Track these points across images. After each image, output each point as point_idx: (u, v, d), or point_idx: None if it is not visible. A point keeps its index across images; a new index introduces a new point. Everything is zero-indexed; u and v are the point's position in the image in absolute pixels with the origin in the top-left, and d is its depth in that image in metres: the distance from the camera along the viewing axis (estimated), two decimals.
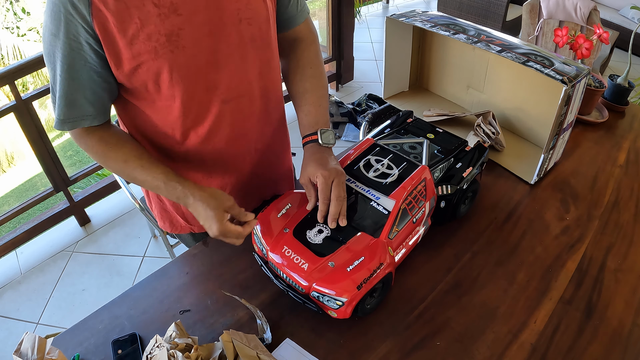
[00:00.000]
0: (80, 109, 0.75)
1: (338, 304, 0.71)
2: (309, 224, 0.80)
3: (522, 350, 0.74)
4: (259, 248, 0.82)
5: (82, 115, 0.76)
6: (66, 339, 0.77)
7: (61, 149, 6.43)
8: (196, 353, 0.66)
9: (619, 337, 0.76)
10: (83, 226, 2.36)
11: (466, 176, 0.91)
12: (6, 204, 5.17)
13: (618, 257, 0.90)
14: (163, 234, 1.70)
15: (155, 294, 0.85)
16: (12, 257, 2.22)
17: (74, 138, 0.80)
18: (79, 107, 0.75)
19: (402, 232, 0.81)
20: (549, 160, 1.06)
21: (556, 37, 1.28)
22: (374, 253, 0.74)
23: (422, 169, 0.84)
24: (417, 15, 1.18)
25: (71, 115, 0.75)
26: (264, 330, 0.76)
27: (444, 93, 1.38)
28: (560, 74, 0.90)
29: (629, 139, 1.23)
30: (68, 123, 0.76)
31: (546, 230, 0.96)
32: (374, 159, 0.88)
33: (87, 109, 0.75)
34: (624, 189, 1.06)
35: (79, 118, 0.76)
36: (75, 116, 0.76)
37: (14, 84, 1.90)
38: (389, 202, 0.79)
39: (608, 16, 3.83)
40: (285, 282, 0.77)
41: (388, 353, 0.74)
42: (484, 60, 1.21)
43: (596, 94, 1.26)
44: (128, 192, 1.68)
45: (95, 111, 0.77)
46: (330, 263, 0.74)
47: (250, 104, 0.87)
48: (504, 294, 0.83)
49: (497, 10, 3.89)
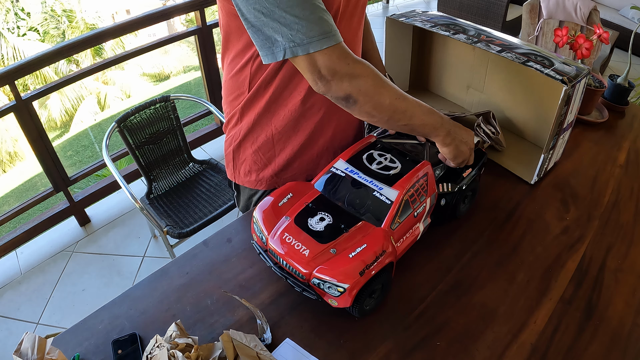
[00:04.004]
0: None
1: (339, 290, 0.71)
2: (311, 212, 0.80)
3: (522, 350, 0.74)
4: (259, 237, 0.82)
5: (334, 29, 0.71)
6: (66, 339, 0.77)
7: (61, 149, 6.43)
8: (196, 353, 0.66)
9: (619, 337, 0.76)
10: (83, 226, 2.36)
11: (466, 176, 0.91)
12: (6, 204, 5.18)
13: (618, 257, 0.90)
14: (163, 234, 1.70)
15: (155, 294, 0.85)
16: (12, 257, 2.22)
17: (338, 62, 0.72)
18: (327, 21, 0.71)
19: (404, 225, 0.81)
20: (549, 160, 1.06)
21: (556, 37, 1.28)
22: (377, 241, 0.74)
23: (424, 164, 0.84)
24: (417, 15, 1.18)
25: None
26: (264, 330, 0.76)
27: (444, 93, 1.38)
28: (560, 74, 0.90)
29: (629, 139, 1.23)
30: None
31: (546, 230, 0.96)
32: (377, 153, 0.89)
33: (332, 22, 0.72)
34: (624, 189, 1.06)
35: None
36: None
37: (14, 84, 1.90)
38: (392, 192, 0.79)
39: (608, 16, 3.83)
40: (285, 269, 0.77)
41: (388, 353, 0.74)
42: (484, 60, 1.21)
43: (596, 94, 1.26)
44: (128, 192, 1.68)
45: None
46: (332, 250, 0.74)
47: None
48: (504, 294, 0.83)
49: (497, 10, 3.89)
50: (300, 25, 0.68)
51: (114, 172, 1.72)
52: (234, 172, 1.08)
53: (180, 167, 2.01)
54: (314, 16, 0.68)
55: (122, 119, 1.76)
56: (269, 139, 0.99)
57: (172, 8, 2.39)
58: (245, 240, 0.94)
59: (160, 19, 2.34)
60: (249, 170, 1.05)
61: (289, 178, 1.04)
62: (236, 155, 1.05)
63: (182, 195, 1.93)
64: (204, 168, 2.05)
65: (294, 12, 0.67)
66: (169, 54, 12.66)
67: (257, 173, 1.05)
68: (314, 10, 0.69)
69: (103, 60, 2.42)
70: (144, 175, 1.88)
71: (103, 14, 14.12)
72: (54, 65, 10.25)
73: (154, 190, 1.91)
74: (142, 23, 2.28)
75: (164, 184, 1.95)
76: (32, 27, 11.83)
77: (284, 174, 1.03)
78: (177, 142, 1.97)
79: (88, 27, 12.14)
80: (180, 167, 2.01)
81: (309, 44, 0.69)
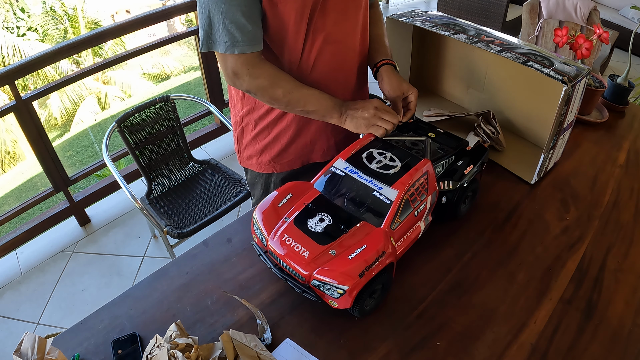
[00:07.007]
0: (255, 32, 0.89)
1: (339, 292, 0.71)
2: (310, 213, 0.80)
3: (522, 350, 0.74)
4: (259, 238, 0.82)
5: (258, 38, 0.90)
6: (66, 339, 0.77)
7: (61, 149, 6.43)
8: (196, 353, 0.66)
9: (619, 337, 0.76)
10: (83, 226, 2.36)
11: (467, 173, 0.91)
12: (6, 204, 5.18)
13: (618, 257, 0.90)
14: (163, 234, 1.70)
15: (155, 294, 0.85)
16: (12, 257, 2.22)
17: (241, 67, 0.90)
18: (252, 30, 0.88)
19: (404, 224, 0.81)
20: (549, 160, 1.06)
21: (556, 37, 1.28)
22: (377, 241, 0.74)
23: (424, 162, 0.84)
24: (417, 15, 1.18)
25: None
26: (264, 330, 0.76)
27: (444, 93, 1.38)
28: (560, 74, 0.90)
29: (629, 139, 1.23)
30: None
31: (546, 230, 0.96)
32: (376, 152, 0.89)
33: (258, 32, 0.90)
34: (624, 189, 1.06)
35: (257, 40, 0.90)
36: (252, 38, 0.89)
37: (14, 84, 1.90)
38: (392, 192, 0.79)
39: (608, 16, 3.83)
40: (285, 271, 0.77)
41: (388, 353, 0.74)
42: (484, 60, 1.21)
43: (596, 94, 1.26)
44: (128, 192, 1.68)
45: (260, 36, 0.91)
46: (331, 251, 0.74)
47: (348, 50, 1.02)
48: (504, 294, 0.83)
49: (497, 10, 3.89)
50: (218, 29, 0.86)
51: (114, 172, 1.72)
52: (240, 155, 1.19)
53: (180, 167, 2.01)
54: (233, 25, 0.85)
55: (122, 119, 1.76)
56: (264, 126, 1.08)
57: (172, 8, 2.39)
58: (245, 240, 0.94)
59: (160, 19, 2.34)
60: (250, 154, 1.16)
61: (286, 164, 1.13)
62: (240, 140, 1.16)
63: (182, 195, 1.93)
64: (204, 168, 2.05)
65: (218, 17, 0.85)
66: (169, 54, 12.66)
67: (256, 157, 1.15)
68: (234, 20, 0.85)
69: (103, 60, 2.42)
70: (144, 175, 1.88)
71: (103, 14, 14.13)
72: (54, 65, 10.25)
73: (154, 190, 1.91)
74: (142, 23, 2.27)
75: (164, 184, 1.95)
76: (31, 27, 11.84)
77: (280, 159, 1.12)
78: (177, 142, 1.97)
79: (89, 25, 12.14)
80: (180, 167, 2.01)
81: (220, 45, 0.88)
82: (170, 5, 2.41)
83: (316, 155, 1.13)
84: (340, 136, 1.12)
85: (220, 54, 0.90)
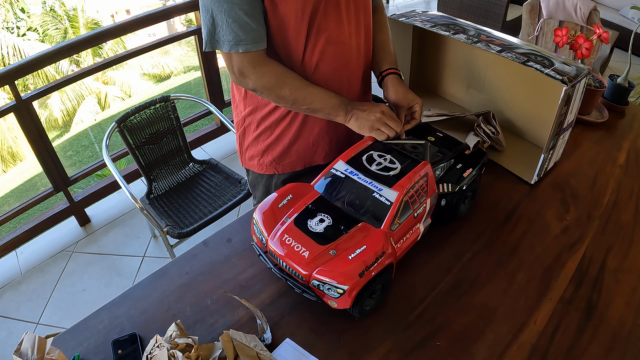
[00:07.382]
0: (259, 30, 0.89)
1: (339, 292, 0.71)
2: (310, 213, 0.80)
3: (522, 350, 0.74)
4: (258, 238, 0.82)
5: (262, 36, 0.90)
6: (66, 339, 0.77)
7: (61, 149, 6.43)
8: (196, 353, 0.66)
9: (619, 337, 0.76)
10: (83, 226, 2.36)
11: (466, 176, 0.91)
12: (6, 204, 5.18)
13: (618, 257, 0.90)
14: (163, 234, 1.70)
15: (155, 294, 0.85)
16: (12, 257, 2.22)
17: (246, 65, 0.90)
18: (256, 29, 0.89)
19: (403, 226, 0.81)
20: (549, 160, 1.06)
21: (556, 37, 1.28)
22: (376, 242, 0.74)
23: (424, 165, 0.84)
24: (417, 15, 1.18)
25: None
26: (264, 330, 0.76)
27: (444, 93, 1.38)
28: (560, 74, 0.90)
29: (629, 139, 1.23)
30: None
31: (546, 230, 0.96)
32: (376, 154, 0.89)
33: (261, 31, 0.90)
34: (624, 189, 1.06)
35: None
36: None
37: (14, 84, 1.90)
38: (392, 193, 0.79)
39: (608, 16, 3.83)
40: (285, 271, 0.77)
41: (388, 353, 0.74)
42: (484, 60, 1.21)
43: (596, 94, 1.26)
44: (128, 192, 1.68)
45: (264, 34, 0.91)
46: (331, 251, 0.74)
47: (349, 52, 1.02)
48: (504, 294, 0.83)
49: (497, 10, 3.89)
50: (222, 28, 0.87)
51: (114, 172, 1.72)
52: (242, 156, 1.19)
53: (180, 167, 2.01)
54: (237, 24, 0.86)
55: (122, 119, 1.76)
56: (266, 126, 1.08)
57: (172, 8, 2.39)
58: (245, 240, 0.94)
59: (160, 19, 2.34)
60: (252, 155, 1.16)
61: (288, 165, 1.12)
62: (242, 141, 1.16)
63: (182, 195, 1.93)
64: (204, 168, 2.05)
65: (221, 17, 0.86)
66: (169, 54, 12.66)
67: (258, 158, 1.14)
68: (237, 19, 0.86)
69: (103, 60, 2.42)
70: (144, 175, 1.88)
71: (103, 14, 14.12)
72: (54, 65, 10.25)
73: (154, 190, 1.91)
74: (142, 23, 2.27)
75: (164, 184, 1.95)
76: (31, 27, 11.83)
77: (282, 160, 1.12)
78: (177, 142, 1.97)
79: (89, 25, 12.13)
80: (180, 167, 2.01)
81: (225, 45, 0.88)
82: (170, 5, 2.41)
83: (318, 158, 1.13)
84: (342, 139, 1.12)
85: (225, 53, 0.90)
